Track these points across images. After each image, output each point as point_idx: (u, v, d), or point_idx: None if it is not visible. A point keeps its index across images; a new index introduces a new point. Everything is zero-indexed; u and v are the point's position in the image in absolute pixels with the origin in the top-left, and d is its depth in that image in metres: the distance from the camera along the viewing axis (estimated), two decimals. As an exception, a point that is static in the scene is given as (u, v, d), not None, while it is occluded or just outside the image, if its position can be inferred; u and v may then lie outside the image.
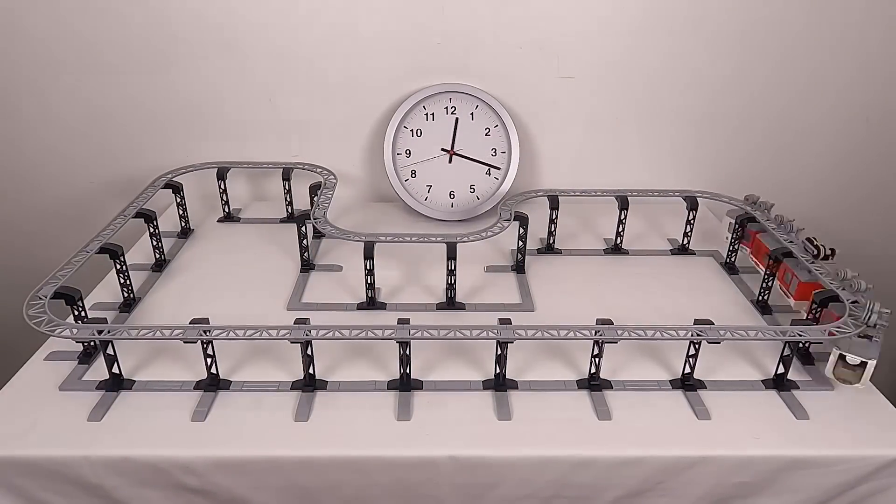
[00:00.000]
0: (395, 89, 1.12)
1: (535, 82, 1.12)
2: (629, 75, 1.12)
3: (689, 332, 0.70)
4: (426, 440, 0.67)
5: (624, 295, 0.92)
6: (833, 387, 0.74)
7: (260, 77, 1.11)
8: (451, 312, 0.87)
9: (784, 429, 0.69)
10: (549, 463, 0.66)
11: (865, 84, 1.13)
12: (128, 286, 0.86)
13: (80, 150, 1.17)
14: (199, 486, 0.66)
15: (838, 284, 0.79)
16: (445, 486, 0.67)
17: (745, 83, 1.13)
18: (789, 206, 0.97)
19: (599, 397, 0.72)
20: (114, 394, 0.71)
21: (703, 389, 0.73)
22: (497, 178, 1.12)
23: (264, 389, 0.73)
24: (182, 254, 1.01)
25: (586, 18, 1.07)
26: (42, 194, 1.21)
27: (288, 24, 1.07)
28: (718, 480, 0.67)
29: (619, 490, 0.67)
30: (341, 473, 0.66)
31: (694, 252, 1.04)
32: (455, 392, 0.73)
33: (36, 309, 0.70)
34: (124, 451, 0.65)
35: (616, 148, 1.18)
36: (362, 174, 1.20)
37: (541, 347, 0.79)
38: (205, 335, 0.69)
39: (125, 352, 0.75)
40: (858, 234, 1.25)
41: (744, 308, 0.90)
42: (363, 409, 0.70)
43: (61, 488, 0.66)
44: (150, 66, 1.09)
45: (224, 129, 1.15)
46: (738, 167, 1.19)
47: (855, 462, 0.66)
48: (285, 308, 0.88)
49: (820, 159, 1.20)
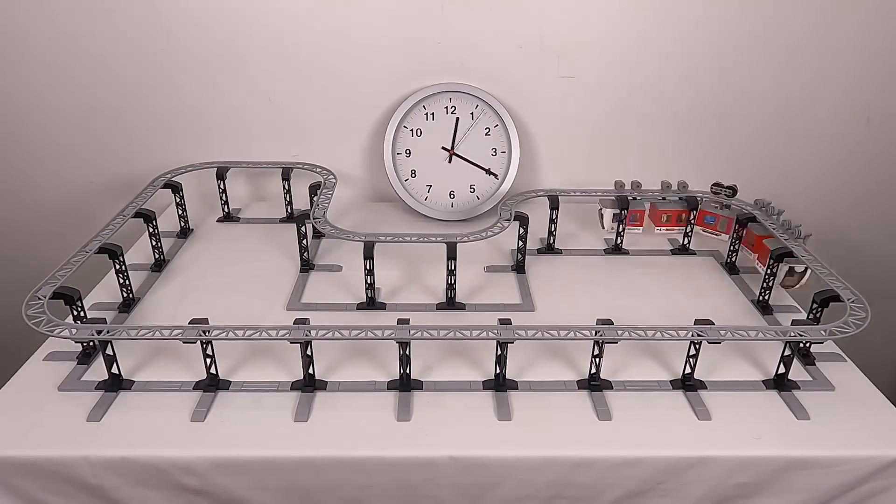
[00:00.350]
0: (395, 89, 1.11)
1: (536, 82, 1.12)
2: (630, 75, 1.12)
3: (689, 333, 0.70)
4: (426, 441, 0.67)
5: (624, 295, 0.92)
6: (834, 387, 0.74)
7: (260, 76, 1.11)
8: (451, 313, 0.87)
9: (785, 429, 0.69)
10: (550, 463, 0.66)
11: (866, 83, 1.13)
12: (127, 286, 0.86)
13: (79, 149, 1.17)
14: (198, 487, 0.66)
15: (781, 232, 0.88)
16: (445, 486, 0.67)
17: (746, 83, 1.13)
18: (790, 205, 0.97)
19: (600, 397, 0.72)
20: (113, 394, 0.71)
21: (704, 390, 0.73)
22: (497, 177, 1.12)
23: (264, 390, 0.73)
24: (181, 254, 1.01)
25: (587, 17, 1.07)
26: (41, 194, 1.20)
27: (288, 23, 1.07)
28: (719, 481, 0.67)
29: (620, 491, 0.67)
30: (341, 474, 0.66)
31: (694, 252, 1.04)
32: (455, 392, 0.73)
33: (35, 309, 0.70)
34: (124, 452, 0.64)
35: (617, 148, 1.18)
36: (362, 174, 1.20)
37: (541, 348, 0.79)
38: (204, 335, 0.69)
39: (124, 352, 0.74)
40: (859, 234, 1.26)
41: (744, 308, 0.90)
42: (363, 409, 0.70)
43: (60, 489, 0.66)
44: (149, 65, 1.09)
45: (223, 129, 1.15)
46: (738, 167, 1.19)
47: (856, 462, 0.66)
48: (285, 308, 0.88)
49: (821, 159, 1.20)
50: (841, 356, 0.80)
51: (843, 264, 0.88)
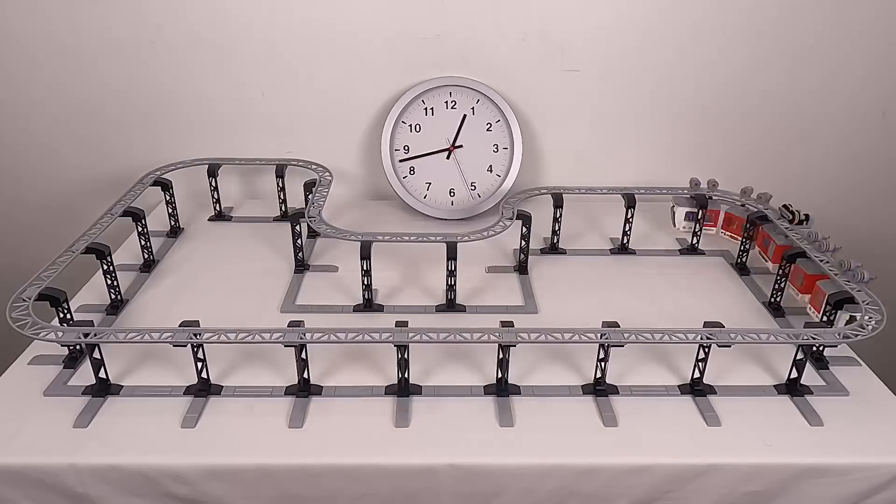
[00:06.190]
0: (393, 83, 1.11)
1: (539, 76, 1.11)
2: (637, 69, 1.11)
3: (698, 336, 0.69)
4: (425, 447, 0.66)
5: (631, 296, 0.91)
6: (848, 392, 0.74)
7: (252, 70, 1.10)
8: (452, 315, 0.87)
9: (797, 435, 0.68)
10: (553, 471, 0.65)
11: (881, 77, 1.12)
12: (115, 287, 0.86)
13: (65, 146, 1.16)
14: (189, 496, 0.65)
15: (808, 243, 0.85)
16: (445, 494, 0.66)
17: (758, 77, 1.12)
18: (803, 202, 0.97)
19: (605, 403, 0.71)
20: (100, 399, 0.71)
21: (713, 395, 0.73)
22: (499, 174, 1.11)
23: (257, 395, 0.72)
24: (171, 254, 1.01)
25: (592, 9, 1.06)
26: (26, 192, 1.20)
27: (282, 14, 1.06)
28: (729, 489, 0.66)
29: (626, 499, 0.67)
30: (337, 482, 0.65)
31: (703, 252, 1.03)
32: (455, 397, 0.72)
33: (19, 311, 0.70)
34: (111, 459, 0.64)
35: (623, 144, 1.17)
36: (359, 171, 1.19)
37: (544, 351, 0.78)
38: (195, 338, 0.68)
39: (112, 356, 0.74)
40: (873, 232, 1.25)
41: (755, 310, 0.89)
42: (360, 415, 0.70)
43: (46, 497, 0.65)
44: (137, 58, 1.08)
45: (215, 124, 1.14)
46: (749, 164, 1.18)
47: (871, 470, 0.66)
48: (279, 310, 0.87)
49: (835, 155, 1.19)
50: (856, 360, 0.80)
51: (856, 261, 0.85)
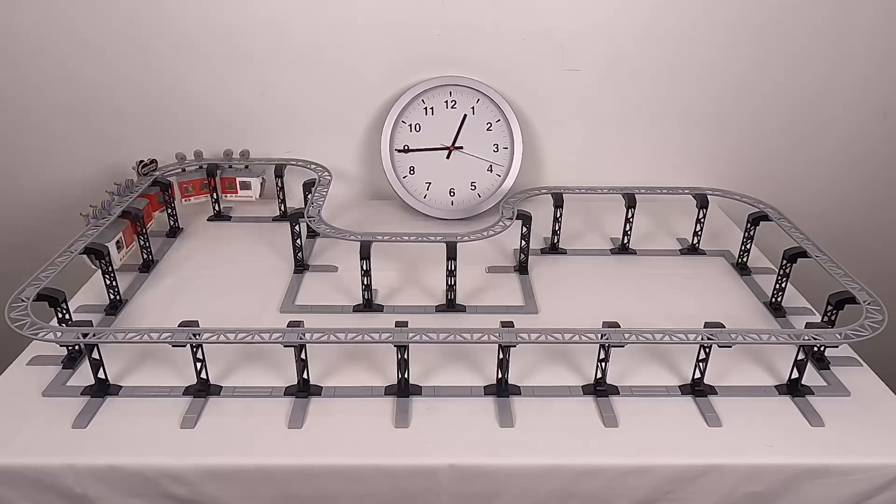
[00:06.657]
0: (393, 82, 1.10)
1: (540, 75, 1.11)
2: (638, 68, 1.11)
3: (699, 336, 0.69)
4: (425, 448, 0.66)
5: (631, 297, 0.91)
6: (849, 392, 0.73)
7: (251, 69, 1.10)
8: (451, 315, 0.87)
9: (798, 436, 0.68)
10: (554, 472, 0.65)
11: (883, 77, 1.12)
12: (114, 287, 0.85)
13: (64, 144, 1.15)
14: (188, 496, 0.65)
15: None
16: (445, 495, 0.66)
17: (758, 77, 1.12)
18: (804, 203, 0.96)
19: (606, 403, 0.71)
20: (99, 400, 0.70)
21: (714, 395, 0.73)
22: (499, 174, 1.10)
23: (256, 395, 0.72)
24: (171, 254, 1.00)
25: (593, 8, 1.06)
26: (24, 191, 1.19)
27: (280, 13, 1.06)
28: (730, 490, 0.66)
29: (627, 500, 0.67)
30: (337, 483, 0.65)
31: (704, 252, 1.03)
32: (455, 398, 0.72)
33: (18, 311, 0.69)
34: (110, 460, 0.64)
35: (623, 144, 1.17)
36: (358, 171, 1.19)
37: (544, 352, 0.78)
38: (194, 339, 0.68)
39: (111, 356, 0.73)
40: (875, 233, 1.25)
41: (756, 310, 0.89)
42: (359, 415, 0.70)
43: (45, 498, 0.64)
44: (135, 57, 1.08)
45: (214, 124, 1.14)
46: (750, 164, 1.18)
47: (872, 471, 0.65)
48: (278, 310, 0.87)
49: (836, 155, 1.19)
50: (857, 360, 0.79)
51: (859, 265, 0.86)
